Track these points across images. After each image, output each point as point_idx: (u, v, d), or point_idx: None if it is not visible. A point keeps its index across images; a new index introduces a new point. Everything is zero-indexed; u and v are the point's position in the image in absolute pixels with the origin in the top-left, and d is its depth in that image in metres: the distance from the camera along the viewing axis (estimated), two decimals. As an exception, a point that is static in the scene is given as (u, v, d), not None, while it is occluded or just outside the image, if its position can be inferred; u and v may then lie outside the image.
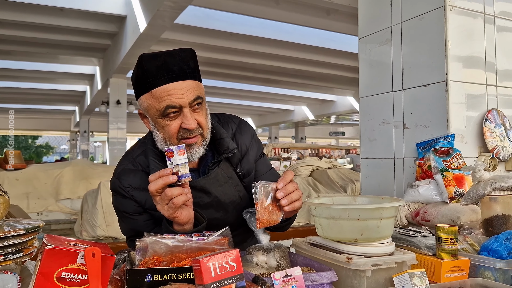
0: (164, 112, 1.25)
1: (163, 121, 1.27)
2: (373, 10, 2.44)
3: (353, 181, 6.04)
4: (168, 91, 1.23)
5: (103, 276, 0.87)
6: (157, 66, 1.24)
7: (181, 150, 1.15)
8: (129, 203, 1.37)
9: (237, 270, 0.91)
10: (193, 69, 1.29)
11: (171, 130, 1.27)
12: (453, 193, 1.69)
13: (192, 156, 1.31)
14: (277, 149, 14.22)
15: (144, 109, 1.31)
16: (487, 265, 1.24)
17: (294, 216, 1.44)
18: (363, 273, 1.08)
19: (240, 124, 1.52)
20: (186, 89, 1.25)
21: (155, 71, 1.24)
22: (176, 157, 1.14)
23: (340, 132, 27.08)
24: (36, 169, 7.35)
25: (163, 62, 1.25)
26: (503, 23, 2.21)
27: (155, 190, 1.16)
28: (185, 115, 1.25)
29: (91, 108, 17.98)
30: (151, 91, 1.25)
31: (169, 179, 1.14)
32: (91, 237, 4.40)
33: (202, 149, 1.33)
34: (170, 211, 1.19)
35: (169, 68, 1.24)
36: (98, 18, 9.36)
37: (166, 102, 1.23)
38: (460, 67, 2.04)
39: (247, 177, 1.46)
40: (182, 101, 1.24)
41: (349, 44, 10.33)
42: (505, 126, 2.11)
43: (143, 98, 1.29)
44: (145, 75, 1.25)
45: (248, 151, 1.47)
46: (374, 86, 2.41)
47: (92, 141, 30.49)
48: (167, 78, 1.24)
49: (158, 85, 1.24)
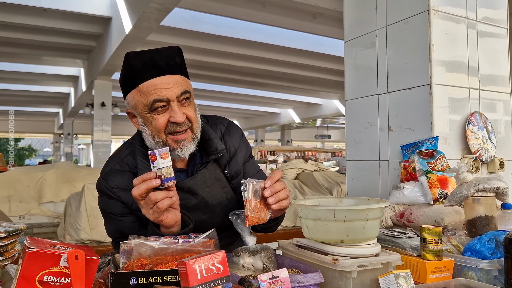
0: (151, 106, 1.24)
1: (151, 115, 1.26)
2: (359, 14, 2.46)
3: (339, 183, 6.08)
4: (155, 85, 1.24)
5: (87, 279, 0.86)
6: (144, 62, 1.25)
7: (164, 154, 1.13)
8: (115, 204, 1.35)
9: (223, 272, 0.90)
10: (180, 65, 1.30)
11: (159, 124, 1.26)
12: (437, 195, 1.71)
13: (183, 152, 1.30)
14: (264, 152, 14.24)
15: (132, 106, 1.31)
16: (470, 265, 1.26)
17: (282, 217, 1.44)
18: (349, 274, 1.09)
19: (228, 125, 1.52)
20: (173, 83, 1.25)
21: (141, 67, 1.25)
22: (159, 160, 1.12)
23: (326, 135, 27.23)
24: (18, 172, 7.21)
25: (150, 58, 1.26)
26: (485, 28, 2.26)
27: (138, 194, 1.14)
28: (173, 108, 1.25)
29: (75, 110, 17.75)
30: (138, 86, 1.25)
31: (152, 183, 1.12)
32: (74, 240, 4.33)
33: (193, 145, 1.32)
34: (156, 215, 1.17)
35: (155, 63, 1.25)
36: (83, 19, 9.25)
37: (154, 96, 1.23)
38: (443, 71, 2.07)
39: (235, 179, 1.45)
40: (170, 94, 1.24)
41: (335, 47, 10.41)
42: (488, 129, 2.15)
43: (131, 95, 1.29)
44: (131, 71, 1.26)
45: (236, 152, 1.47)
46: (359, 89, 2.44)
47: (76, 143, 30.09)
48: (154, 72, 1.24)
49: (144, 80, 1.24)
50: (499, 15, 2.32)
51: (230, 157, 1.45)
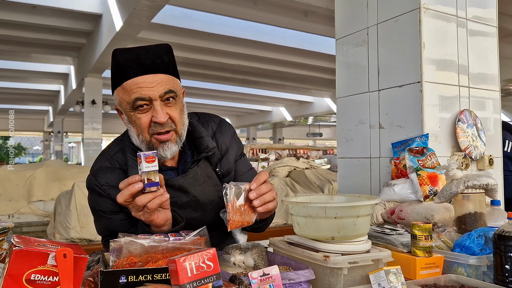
0: (133, 104, 1.23)
1: (134, 114, 1.25)
2: (350, 12, 2.47)
3: (330, 181, 6.10)
4: (138, 84, 1.22)
5: (75, 277, 0.85)
6: (129, 59, 1.24)
7: (149, 157, 1.09)
8: (105, 202, 1.34)
9: (214, 270, 0.90)
10: (167, 64, 1.28)
11: (142, 123, 1.25)
12: (427, 192, 1.72)
13: (165, 153, 1.28)
14: (255, 150, 14.24)
15: (117, 103, 1.30)
16: (460, 261, 1.27)
17: (271, 217, 1.43)
18: (340, 270, 1.09)
19: (220, 123, 1.50)
20: (157, 82, 1.23)
21: (126, 64, 1.24)
22: (143, 163, 1.09)
23: (318, 133, 27.32)
24: (7, 170, 7.12)
25: (136, 56, 1.25)
26: (475, 27, 2.27)
27: (123, 201, 1.13)
28: (155, 108, 1.24)
29: (65, 108, 17.59)
30: (122, 84, 1.25)
31: (134, 188, 1.10)
32: (64, 239, 4.29)
33: (175, 147, 1.30)
34: (146, 216, 1.16)
35: (140, 61, 1.24)
36: (73, 16, 9.16)
37: (136, 94, 1.22)
38: (434, 69, 2.08)
39: (227, 177, 1.45)
40: (152, 93, 1.23)
41: (326, 46, 10.43)
42: (477, 126, 2.17)
43: (116, 92, 1.28)
44: (117, 68, 1.26)
45: (228, 150, 1.46)
46: (351, 86, 2.44)
47: (66, 142, 29.83)
48: (138, 71, 1.23)
49: (128, 77, 1.23)
50: (488, 14, 2.34)
51: (222, 155, 1.44)
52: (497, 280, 1.17)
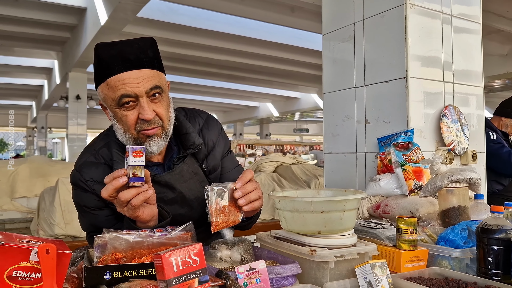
0: (119, 101, 1.21)
1: (120, 111, 1.23)
2: (337, 7, 2.47)
3: (316, 176, 6.13)
4: (123, 80, 1.19)
5: (59, 274, 0.83)
6: (112, 55, 1.21)
7: (137, 152, 1.08)
8: (90, 197, 1.31)
9: (200, 265, 0.89)
10: (152, 58, 1.25)
11: (128, 121, 1.23)
12: (412, 186, 1.74)
13: (151, 148, 1.26)
14: (242, 145, 14.23)
15: (102, 99, 1.27)
16: (444, 254, 1.29)
17: (256, 215, 1.42)
18: (326, 264, 1.09)
19: (207, 119, 1.49)
20: (142, 78, 1.20)
21: (110, 60, 1.20)
22: (130, 157, 1.07)
23: (304, 128, 27.40)
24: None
25: (119, 51, 1.21)
26: (459, 24, 2.29)
27: (108, 195, 1.11)
28: (141, 105, 1.21)
29: (49, 103, 17.30)
30: (106, 80, 1.21)
31: (119, 182, 1.08)
32: (48, 235, 4.23)
33: (162, 142, 1.28)
34: (130, 212, 1.14)
35: (124, 56, 1.20)
36: (57, 10, 8.99)
37: (121, 91, 1.19)
38: (419, 65, 2.10)
39: (213, 173, 1.44)
40: (138, 90, 1.20)
41: (313, 41, 10.43)
42: (461, 122, 2.20)
43: (100, 88, 1.25)
44: (100, 64, 1.22)
45: (214, 147, 1.45)
46: (337, 82, 2.45)
47: (50, 137, 29.39)
48: (122, 66, 1.20)
49: (113, 74, 1.20)
50: (472, 11, 2.37)
51: (208, 152, 1.43)
52: (480, 272, 1.19)
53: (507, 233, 1.14)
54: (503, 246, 1.14)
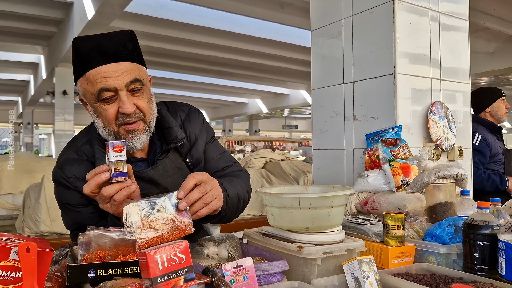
0: (99, 96, 1.18)
1: (100, 105, 1.20)
2: (325, 3, 2.46)
3: (305, 172, 6.14)
4: (101, 74, 1.17)
5: (40, 273, 0.81)
6: (90, 48, 1.18)
7: (118, 146, 1.06)
8: (73, 195, 1.29)
9: (186, 262, 0.88)
10: (131, 51, 1.23)
11: (108, 115, 1.20)
12: (400, 182, 1.75)
13: (134, 144, 1.24)
14: (231, 141, 14.20)
15: (81, 94, 1.25)
16: (431, 250, 1.29)
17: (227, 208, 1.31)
18: (314, 261, 1.09)
19: (189, 112, 1.47)
20: (121, 71, 1.18)
21: (88, 53, 1.18)
22: (110, 153, 1.05)
23: (293, 125, 27.45)
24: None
25: (97, 44, 1.18)
26: (447, 21, 2.30)
27: (90, 191, 1.08)
28: (121, 98, 1.19)
29: (35, 98, 17.05)
30: (85, 74, 1.19)
31: (101, 177, 1.05)
32: (34, 233, 4.18)
33: (145, 137, 1.26)
34: (114, 208, 1.11)
35: (103, 49, 1.18)
36: (42, 4, 8.84)
37: (100, 85, 1.17)
38: (407, 61, 2.10)
39: (197, 167, 1.42)
40: (117, 83, 1.17)
41: (302, 38, 10.43)
42: (448, 118, 2.21)
43: (79, 83, 1.22)
44: (78, 57, 1.20)
45: (197, 140, 1.43)
46: (326, 78, 2.44)
47: (36, 133, 29.01)
48: (101, 60, 1.17)
49: (91, 67, 1.17)
50: (460, 9, 2.38)
51: (191, 145, 1.41)
52: (466, 268, 1.19)
53: (493, 229, 1.15)
54: (489, 241, 1.15)
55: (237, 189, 1.35)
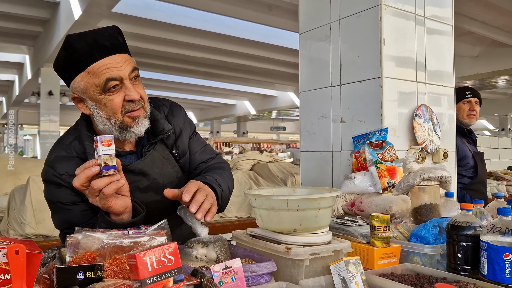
0: (105, 86, 1.23)
1: (105, 97, 1.25)
2: (313, 7, 2.49)
3: (293, 174, 6.17)
4: (106, 65, 1.23)
5: (28, 275, 0.81)
6: (89, 43, 1.23)
7: (107, 141, 1.09)
8: (64, 192, 1.29)
9: (175, 264, 0.88)
10: (123, 44, 1.30)
11: (114, 104, 1.25)
12: (386, 184, 1.77)
13: (139, 129, 1.30)
14: (219, 143, 14.18)
15: (80, 90, 1.27)
16: (416, 251, 1.32)
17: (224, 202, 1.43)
18: (301, 262, 1.10)
19: (171, 106, 1.53)
20: (122, 61, 1.25)
21: (88, 49, 1.22)
22: (99, 147, 1.08)
23: (281, 127, 27.53)
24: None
25: (93, 39, 1.23)
26: (432, 25, 2.35)
27: (80, 185, 1.11)
28: (127, 86, 1.25)
29: (20, 99, 16.80)
30: (87, 68, 1.23)
31: (91, 171, 1.09)
32: (19, 235, 4.11)
33: (147, 121, 1.32)
34: (103, 202, 1.14)
35: (100, 44, 1.23)
36: (28, 3, 8.73)
37: (106, 75, 1.22)
38: (393, 65, 2.14)
39: (183, 158, 1.49)
40: (122, 73, 1.24)
41: (290, 40, 10.47)
42: (433, 121, 2.25)
43: (79, 78, 1.25)
44: (77, 54, 1.23)
45: (181, 132, 1.49)
46: (313, 81, 2.47)
47: (21, 134, 28.56)
48: (102, 52, 1.23)
49: (94, 61, 1.22)
50: (445, 13, 2.43)
51: (176, 137, 1.47)
52: (450, 268, 1.22)
53: (476, 230, 1.18)
54: (472, 242, 1.18)
55: (227, 182, 1.45)
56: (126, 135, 1.30)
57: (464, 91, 3.20)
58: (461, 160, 3.01)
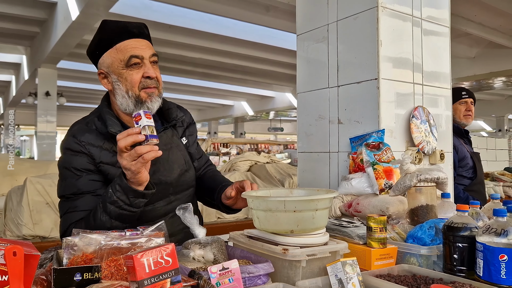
0: (128, 62, 1.42)
1: (127, 71, 1.43)
2: (311, 8, 2.50)
3: (290, 175, 6.17)
4: (131, 45, 1.44)
5: (26, 276, 0.81)
6: (120, 27, 1.46)
7: (148, 114, 1.22)
8: (81, 159, 1.41)
9: (172, 265, 0.89)
10: (148, 35, 1.52)
11: (134, 79, 1.43)
12: (382, 185, 1.78)
13: (152, 104, 1.45)
14: (217, 144, 14.18)
15: (107, 65, 1.46)
16: (412, 251, 1.32)
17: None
18: (298, 263, 1.11)
19: (179, 106, 1.72)
20: (145, 45, 1.47)
21: (118, 30, 1.45)
22: (143, 119, 1.21)
23: (279, 127, 27.53)
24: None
25: (124, 25, 1.46)
26: (429, 27, 2.36)
27: (124, 146, 1.22)
28: (146, 65, 1.45)
29: (17, 99, 16.75)
30: (115, 45, 1.43)
31: (139, 137, 1.21)
32: (16, 236, 4.10)
33: (160, 100, 1.49)
34: (138, 165, 1.24)
35: (130, 29, 1.46)
36: (25, 3, 8.70)
37: (130, 52, 1.43)
38: (390, 66, 2.15)
39: (191, 147, 1.67)
40: (144, 53, 1.44)
41: (288, 41, 10.48)
42: (430, 122, 2.26)
43: (107, 54, 1.45)
44: (108, 33, 1.45)
45: (189, 125, 1.71)
46: (311, 82, 2.47)
47: (18, 135, 28.48)
48: (131, 35, 1.45)
49: (122, 40, 1.44)
50: (441, 15, 2.44)
51: (184, 129, 1.67)
52: (446, 269, 1.23)
53: (472, 231, 1.19)
54: (468, 243, 1.18)
55: None
56: (141, 108, 1.42)
57: (460, 92, 3.23)
58: (461, 160, 3.03)
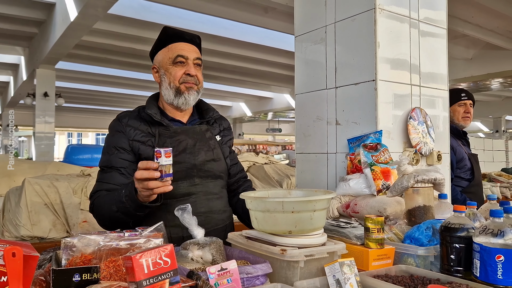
0: (174, 59, 1.68)
1: (172, 67, 1.69)
2: (309, 10, 2.50)
3: (289, 176, 6.17)
4: (180, 46, 1.71)
5: (25, 277, 0.82)
6: (176, 33, 1.74)
7: (168, 153, 1.31)
8: (122, 139, 1.64)
9: (171, 266, 0.89)
10: (199, 44, 1.78)
11: (177, 73, 1.68)
12: (380, 186, 1.79)
13: (189, 97, 1.68)
14: (215, 145, 14.13)
15: (158, 61, 1.73)
16: (409, 252, 1.33)
17: None
18: (296, 263, 1.11)
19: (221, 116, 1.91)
20: (192, 50, 1.73)
21: (174, 35, 1.74)
22: (163, 158, 1.30)
23: (277, 128, 27.53)
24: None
25: (180, 32, 1.74)
26: (426, 28, 2.37)
27: (138, 177, 1.34)
28: (189, 65, 1.70)
29: (15, 100, 16.72)
30: (168, 46, 1.71)
31: (154, 175, 1.32)
32: (14, 237, 4.09)
33: (197, 95, 1.72)
34: (146, 194, 1.37)
35: (183, 35, 1.74)
36: (23, 4, 8.69)
37: (178, 52, 1.69)
38: (388, 68, 2.15)
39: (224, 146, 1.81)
40: (189, 55, 1.70)
41: (286, 42, 10.50)
42: (427, 123, 2.27)
43: (161, 52, 1.73)
44: (166, 37, 1.73)
45: (226, 129, 1.88)
46: (309, 83, 2.48)
47: (16, 135, 28.43)
48: (182, 39, 1.73)
49: (174, 42, 1.71)
50: (439, 16, 2.45)
51: (220, 130, 1.83)
52: (443, 269, 1.23)
53: (469, 232, 1.20)
54: (465, 244, 1.19)
55: None
56: (179, 99, 1.67)
57: (459, 93, 3.23)
58: (459, 162, 3.03)
